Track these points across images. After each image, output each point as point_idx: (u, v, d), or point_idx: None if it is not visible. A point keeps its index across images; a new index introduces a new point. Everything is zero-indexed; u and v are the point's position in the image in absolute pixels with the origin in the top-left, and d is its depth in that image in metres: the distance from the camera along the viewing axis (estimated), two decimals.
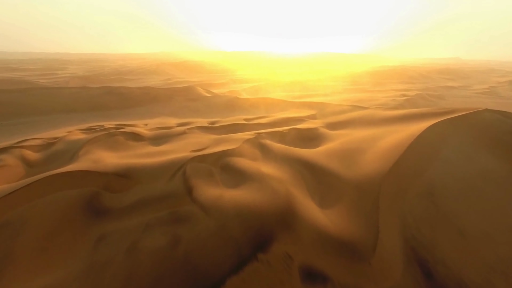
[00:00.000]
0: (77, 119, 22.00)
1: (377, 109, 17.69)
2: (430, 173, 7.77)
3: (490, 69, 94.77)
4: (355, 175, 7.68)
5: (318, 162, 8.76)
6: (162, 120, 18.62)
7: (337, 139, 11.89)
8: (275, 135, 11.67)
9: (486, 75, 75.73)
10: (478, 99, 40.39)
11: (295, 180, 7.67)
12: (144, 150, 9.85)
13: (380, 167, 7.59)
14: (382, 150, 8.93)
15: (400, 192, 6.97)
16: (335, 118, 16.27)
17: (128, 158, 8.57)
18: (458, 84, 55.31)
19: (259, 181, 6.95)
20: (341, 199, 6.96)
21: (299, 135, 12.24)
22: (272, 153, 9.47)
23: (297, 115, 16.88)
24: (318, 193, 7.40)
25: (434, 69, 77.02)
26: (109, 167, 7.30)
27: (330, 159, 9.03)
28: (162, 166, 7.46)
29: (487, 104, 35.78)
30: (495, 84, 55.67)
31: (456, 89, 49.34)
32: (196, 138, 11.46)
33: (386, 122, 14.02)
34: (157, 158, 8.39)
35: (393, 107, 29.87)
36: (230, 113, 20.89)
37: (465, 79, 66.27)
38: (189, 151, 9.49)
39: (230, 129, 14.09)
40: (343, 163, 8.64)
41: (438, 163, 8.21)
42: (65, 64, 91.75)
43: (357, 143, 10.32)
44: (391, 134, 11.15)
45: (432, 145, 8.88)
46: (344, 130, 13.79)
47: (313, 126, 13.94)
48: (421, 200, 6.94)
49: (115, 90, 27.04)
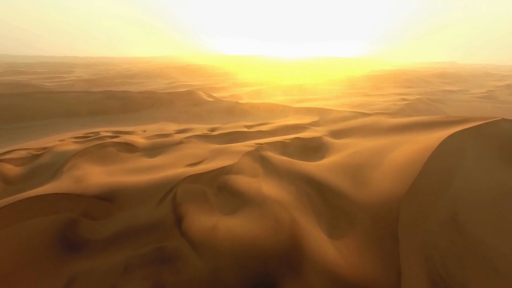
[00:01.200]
0: (77, 124, 20.99)
1: (380, 116, 16.57)
2: (451, 194, 6.68)
3: (486, 73, 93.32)
4: (367, 197, 6.58)
5: (325, 179, 7.66)
6: (161, 126, 17.56)
7: (342, 150, 10.78)
8: (277, 146, 10.57)
9: (483, 79, 74.39)
10: (478, 103, 39.14)
11: (300, 203, 6.57)
12: (136, 163, 8.77)
13: (396, 187, 6.49)
14: (394, 166, 7.83)
15: (421, 219, 5.88)
16: (338, 125, 15.16)
17: (115, 175, 7.48)
18: (457, 88, 54.03)
19: (260, 206, 5.86)
20: (353, 228, 5.86)
21: (302, 146, 11.14)
22: (274, 167, 8.38)
23: (299, 122, 15.77)
24: (327, 219, 6.30)
25: (432, 73, 75.70)
26: (90, 189, 6.23)
27: (338, 176, 7.93)
28: (151, 187, 6.37)
29: (487, 108, 34.59)
30: (493, 88, 54.33)
31: (455, 93, 48.11)
32: (193, 149, 10.38)
33: (392, 131, 12.91)
34: (147, 176, 7.31)
35: (394, 111, 28.70)
36: (230, 118, 19.81)
37: (463, 83, 64.95)
38: (184, 166, 8.42)
39: (230, 138, 13.00)
40: (353, 181, 7.54)
41: (458, 181, 7.11)
42: (72, 68, 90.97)
43: (365, 156, 9.21)
44: (400, 146, 10.04)
45: (450, 161, 7.78)
46: (349, 139, 12.68)
47: (316, 134, 12.84)
48: (444, 228, 5.84)
49: (116, 94, 26.02)
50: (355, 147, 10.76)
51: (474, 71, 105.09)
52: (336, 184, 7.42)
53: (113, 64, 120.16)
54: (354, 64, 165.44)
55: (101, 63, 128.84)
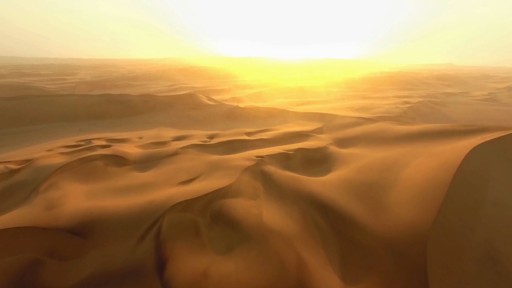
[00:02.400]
0: (74, 129, 19.98)
1: (387, 122, 15.48)
2: (483, 224, 5.62)
3: (485, 75, 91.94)
4: (385, 228, 5.52)
5: (334, 202, 6.59)
6: (158, 132, 16.52)
7: (350, 162, 9.70)
8: (280, 158, 9.51)
9: (482, 81, 73.08)
10: (480, 106, 37.95)
11: (307, 233, 5.51)
12: (123, 180, 7.72)
13: (419, 216, 5.44)
14: (412, 186, 6.78)
15: (453, 258, 4.83)
16: (343, 132, 14.08)
17: (96, 197, 6.43)
18: (457, 90, 52.80)
19: (261, 242, 4.81)
20: (371, 269, 4.80)
21: (306, 158, 10.07)
22: (276, 186, 7.31)
23: (302, 129, 14.69)
24: (338, 254, 5.23)
25: (431, 75, 74.44)
26: (62, 219, 5.18)
27: (348, 197, 6.86)
28: (134, 217, 5.31)
29: (491, 111, 33.44)
30: (494, 90, 53.04)
31: (456, 95, 46.88)
32: (188, 162, 9.32)
33: (401, 141, 11.84)
34: (133, 198, 6.25)
35: (397, 115, 27.56)
36: (231, 123, 18.76)
37: (463, 85, 63.65)
38: (176, 184, 7.37)
39: (229, 147, 11.95)
40: (366, 204, 6.48)
41: (489, 207, 6.05)
42: (76, 70, 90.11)
43: (377, 172, 8.15)
44: (414, 159, 8.98)
45: (475, 181, 6.71)
46: (355, 149, 11.60)
47: (321, 144, 11.76)
48: (482, 269, 4.79)
49: (115, 98, 25.01)
50: (363, 160, 9.68)
51: (472, 73, 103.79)
52: (347, 208, 6.35)
53: (117, 66, 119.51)
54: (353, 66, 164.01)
55: (105, 65, 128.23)
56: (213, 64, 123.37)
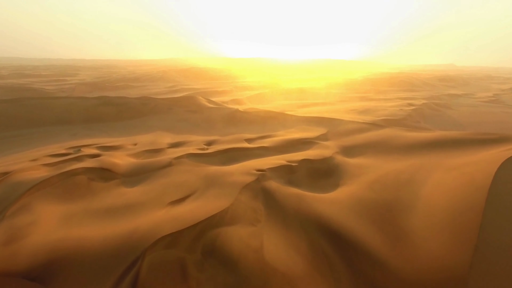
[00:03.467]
0: (68, 133, 19.10)
1: (396, 129, 14.53)
2: None
3: (487, 76, 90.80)
4: (409, 265, 4.60)
5: (346, 229, 5.65)
6: (154, 138, 15.61)
7: (359, 175, 8.77)
8: (282, 172, 8.58)
9: (485, 82, 71.93)
10: (486, 108, 36.93)
11: (317, 273, 4.58)
12: (107, 199, 6.80)
13: (452, 253, 4.51)
14: (436, 209, 5.85)
15: None
16: (349, 139, 13.13)
17: (72, 223, 5.52)
18: (461, 91, 51.72)
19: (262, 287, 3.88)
20: None
21: (312, 170, 9.14)
22: (279, 207, 6.38)
23: (305, 135, 13.75)
24: None
25: (434, 76, 73.30)
26: (19, 261, 4.28)
27: (361, 221, 5.94)
28: (109, 254, 4.39)
29: (497, 114, 32.43)
30: (498, 91, 51.95)
31: (460, 97, 45.82)
32: (182, 175, 8.41)
33: (414, 150, 10.89)
34: (113, 225, 5.34)
35: (401, 117, 26.61)
36: (230, 128, 17.84)
37: (466, 86, 62.56)
38: (166, 204, 6.46)
39: (227, 156, 11.03)
40: (383, 231, 5.56)
41: None
42: (77, 70, 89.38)
43: (392, 190, 7.22)
44: (432, 173, 8.05)
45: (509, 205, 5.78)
46: (364, 159, 10.66)
47: (327, 153, 10.82)
48: None
49: (112, 100, 24.13)
50: (374, 173, 8.74)
51: (474, 74, 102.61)
52: (360, 235, 5.42)
53: (118, 66, 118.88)
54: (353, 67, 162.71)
55: (107, 65, 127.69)
56: (214, 65, 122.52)
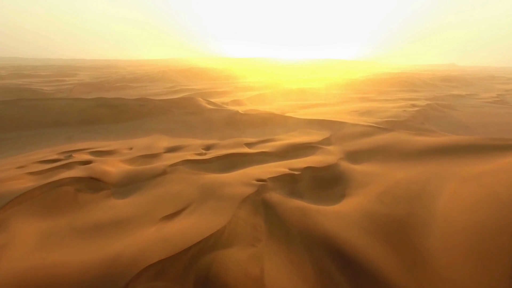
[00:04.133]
0: (63, 136, 18.55)
1: (402, 133, 13.92)
2: None
3: (490, 76, 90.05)
4: None
5: (355, 249, 5.08)
6: (151, 142, 15.04)
7: (368, 184, 8.19)
8: (285, 181, 8.00)
9: (488, 82, 71.20)
10: (491, 109, 36.29)
11: None
12: (94, 213, 6.24)
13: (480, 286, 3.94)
14: (455, 228, 5.27)
15: None
16: (354, 144, 12.54)
17: (52, 244, 4.97)
18: (464, 92, 51.03)
19: None
20: None
21: (316, 179, 8.56)
22: (282, 224, 5.82)
23: (308, 139, 13.17)
24: None
25: (436, 76, 72.59)
26: None
27: (372, 240, 5.36)
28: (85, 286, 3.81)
29: (503, 115, 31.82)
30: (502, 92, 51.24)
31: (464, 97, 45.17)
32: (177, 185, 7.84)
33: (424, 156, 10.29)
34: (96, 248, 4.78)
35: (405, 119, 26.00)
36: (230, 131, 17.26)
37: (469, 86, 61.87)
38: (158, 219, 5.91)
39: (226, 163, 10.46)
40: (398, 253, 4.99)
41: None
42: (77, 71, 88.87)
43: (404, 202, 6.64)
44: (447, 183, 7.46)
45: None
46: (371, 165, 10.08)
47: (331, 159, 10.24)
48: None
49: (109, 102, 23.58)
50: (382, 182, 8.16)
51: (477, 74, 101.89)
52: (371, 257, 4.84)
53: (118, 67, 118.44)
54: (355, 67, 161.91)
55: (107, 65, 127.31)
56: (215, 65, 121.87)
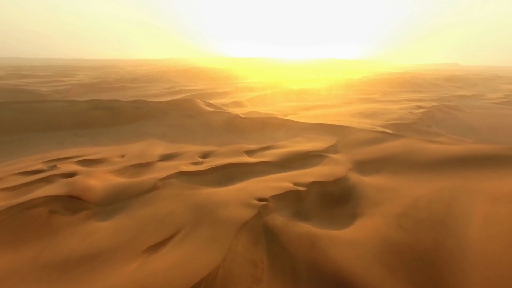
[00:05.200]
0: (55, 141, 17.68)
1: (414, 140, 12.96)
2: None
3: (495, 76, 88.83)
4: None
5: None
6: (145, 148, 14.14)
7: (382, 202, 7.27)
8: (289, 200, 7.09)
9: (493, 82, 70.01)
10: (499, 110, 35.24)
11: None
12: (67, 243, 5.37)
13: None
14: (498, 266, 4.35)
15: None
16: (363, 152, 11.60)
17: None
18: (470, 92, 49.92)
19: None
20: None
21: (323, 196, 7.65)
22: (287, 257, 4.91)
23: (312, 146, 12.23)
24: None
25: (440, 76, 71.46)
26: None
27: (397, 281, 4.45)
28: None
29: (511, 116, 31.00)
30: (508, 92, 50.12)
31: (470, 98, 44.10)
32: (167, 203, 6.94)
33: (442, 167, 9.33)
34: None
35: (412, 121, 25.04)
36: (229, 136, 16.35)
37: (474, 86, 60.72)
38: (141, 251, 5.05)
39: (224, 175, 9.55)
40: None
41: None
42: (76, 71, 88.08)
43: (427, 229, 5.71)
44: (474, 204, 6.53)
45: None
46: (383, 178, 9.14)
47: (339, 171, 9.30)
48: None
49: (104, 104, 22.70)
50: (399, 200, 7.23)
51: (481, 74, 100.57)
52: None
53: (118, 66, 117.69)
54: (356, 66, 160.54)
55: (107, 65, 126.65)
56: (216, 65, 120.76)
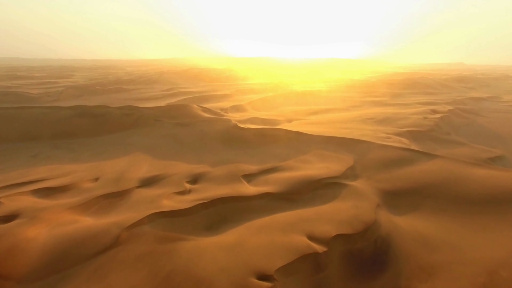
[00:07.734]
0: (27, 153, 15.49)
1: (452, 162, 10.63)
2: None
3: (505, 75, 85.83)
4: None
5: None
6: (127, 166, 11.95)
7: (436, 269, 5.06)
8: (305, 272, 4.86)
9: (505, 83, 67.22)
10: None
11: None
12: None
13: None
14: None
15: None
16: (391, 177, 9.32)
17: None
18: (484, 94, 47.31)
19: None
20: None
21: (350, 260, 5.43)
22: None
23: (326, 169, 9.97)
24: None
25: (450, 76, 68.77)
26: None
27: None
28: None
29: None
30: None
31: (485, 100, 41.55)
32: (124, 278, 4.75)
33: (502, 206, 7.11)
34: None
35: (429, 129, 22.67)
36: (226, 151, 14.11)
37: (486, 87, 58.06)
38: None
39: (214, 215, 7.34)
40: None
41: None
42: (73, 71, 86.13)
43: None
44: None
45: None
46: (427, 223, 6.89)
47: (366, 211, 7.05)
48: None
49: (90, 110, 20.54)
50: (464, 267, 5.02)
51: (490, 73, 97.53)
52: None
53: (116, 67, 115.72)
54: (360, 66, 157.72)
55: (106, 66, 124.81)
56: (217, 65, 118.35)
